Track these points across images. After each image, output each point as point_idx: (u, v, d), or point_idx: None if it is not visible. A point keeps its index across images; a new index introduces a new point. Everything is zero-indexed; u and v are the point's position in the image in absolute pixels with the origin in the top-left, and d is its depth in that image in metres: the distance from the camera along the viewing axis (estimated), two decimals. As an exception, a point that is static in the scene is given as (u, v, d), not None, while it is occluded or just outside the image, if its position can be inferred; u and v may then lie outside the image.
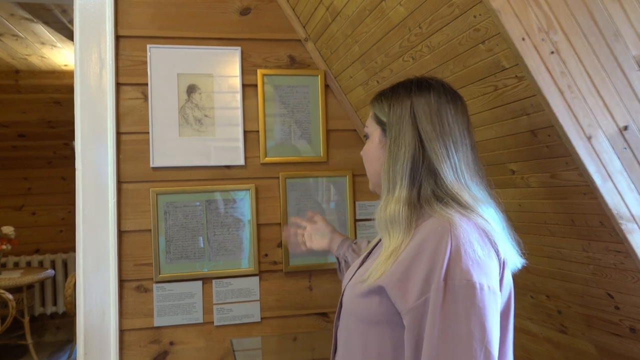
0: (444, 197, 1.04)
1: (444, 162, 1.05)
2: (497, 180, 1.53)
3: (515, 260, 1.08)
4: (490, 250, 0.99)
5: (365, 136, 1.24)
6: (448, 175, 1.05)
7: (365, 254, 1.25)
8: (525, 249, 1.12)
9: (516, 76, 1.25)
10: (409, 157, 1.07)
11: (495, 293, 0.96)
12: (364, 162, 1.25)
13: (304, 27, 2.13)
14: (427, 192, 1.06)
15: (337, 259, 1.63)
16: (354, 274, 1.21)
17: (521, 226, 1.59)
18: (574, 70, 1.18)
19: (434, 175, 1.06)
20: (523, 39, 1.15)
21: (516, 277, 1.11)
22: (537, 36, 1.16)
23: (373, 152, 1.19)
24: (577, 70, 1.18)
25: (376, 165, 1.18)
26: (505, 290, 1.04)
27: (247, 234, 2.09)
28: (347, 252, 1.59)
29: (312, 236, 1.68)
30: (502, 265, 1.02)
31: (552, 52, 1.16)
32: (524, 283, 1.75)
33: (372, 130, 1.20)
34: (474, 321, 0.92)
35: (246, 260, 2.09)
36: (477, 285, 0.93)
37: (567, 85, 1.17)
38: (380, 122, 1.17)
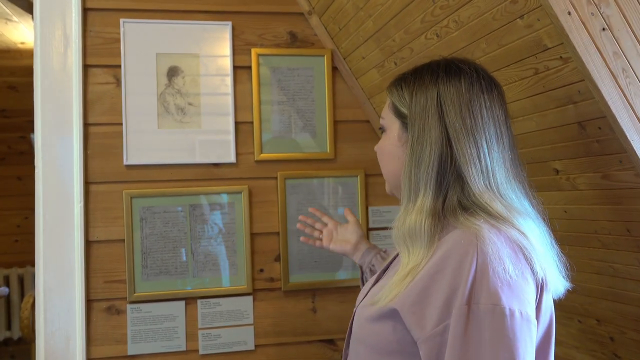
0: (471, 206, 1.05)
1: (472, 166, 1.05)
2: (538, 182, 1.54)
3: (558, 283, 1.08)
4: (524, 269, 0.99)
5: (380, 129, 1.24)
6: (476, 181, 1.05)
7: (380, 270, 1.26)
8: (571, 264, 1.13)
9: (561, 57, 1.26)
10: (435, 159, 1.07)
11: (529, 320, 0.95)
12: (379, 160, 1.25)
13: (307, -2, 2.14)
14: (452, 200, 1.06)
15: (361, 268, 1.66)
16: (366, 294, 1.22)
17: (566, 237, 1.60)
18: (629, 50, 1.18)
19: (461, 181, 1.06)
20: (569, 13, 1.16)
21: (559, 298, 1.12)
22: (585, 9, 1.16)
23: (390, 150, 1.19)
24: (634, 50, 1.18)
25: (393, 165, 1.18)
26: (543, 317, 1.04)
27: (238, 246, 2.10)
28: (375, 260, 1.61)
29: (335, 235, 1.73)
30: (540, 288, 1.02)
31: (604, 29, 1.17)
32: (570, 305, 1.76)
33: (390, 122, 1.20)
34: (502, 354, 0.92)
35: (237, 277, 2.11)
36: (507, 311, 0.93)
37: (622, 68, 1.18)
38: (399, 114, 1.16)
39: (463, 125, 1.06)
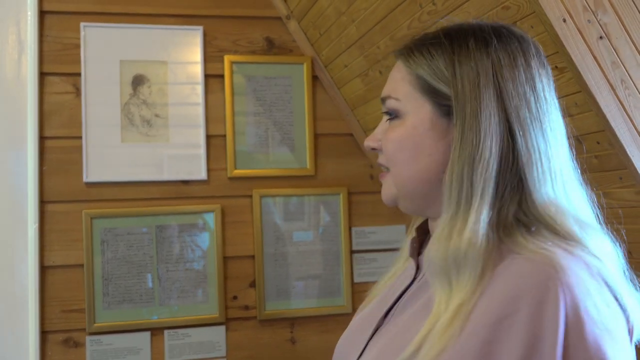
0: (531, 222, 0.83)
1: (537, 165, 0.83)
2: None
3: None
4: (614, 306, 0.78)
5: (389, 113, 0.94)
6: (541, 187, 0.83)
7: (393, 284, 1.01)
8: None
9: (556, 67, 1.28)
10: (495, 154, 0.83)
11: None
12: (393, 155, 0.93)
13: (285, 0, 2.16)
14: (508, 213, 0.84)
15: None
16: (373, 333, 0.95)
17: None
18: (628, 60, 1.21)
19: (522, 186, 0.84)
20: (564, 20, 1.18)
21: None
22: (581, 16, 1.19)
23: (417, 142, 0.90)
24: (633, 59, 1.21)
25: (424, 163, 0.90)
26: None
27: (209, 270, 2.10)
28: None
29: None
30: (630, 331, 0.81)
31: (601, 37, 1.20)
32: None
33: (411, 104, 0.91)
34: None
35: (209, 305, 2.10)
36: None
37: (621, 78, 1.21)
38: (432, 92, 0.89)
39: (528, 110, 0.84)
